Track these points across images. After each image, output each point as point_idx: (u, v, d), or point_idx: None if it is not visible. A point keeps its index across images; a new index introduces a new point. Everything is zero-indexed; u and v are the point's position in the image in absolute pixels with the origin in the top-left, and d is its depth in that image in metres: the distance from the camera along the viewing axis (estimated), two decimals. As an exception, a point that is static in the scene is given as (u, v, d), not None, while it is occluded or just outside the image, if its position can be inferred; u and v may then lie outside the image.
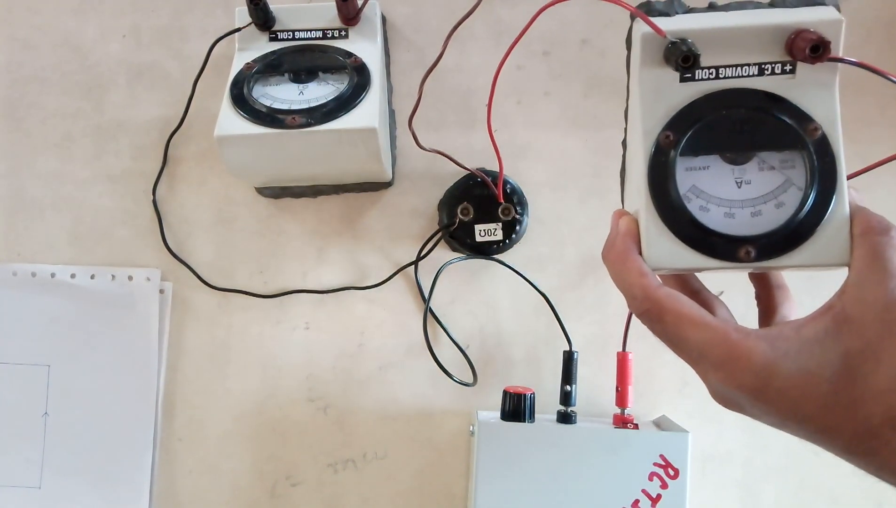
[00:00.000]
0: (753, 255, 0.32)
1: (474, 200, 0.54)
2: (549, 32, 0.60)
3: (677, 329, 0.31)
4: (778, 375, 0.29)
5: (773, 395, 0.29)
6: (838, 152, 0.33)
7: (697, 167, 0.34)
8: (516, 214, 0.54)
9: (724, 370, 0.30)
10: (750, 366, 0.29)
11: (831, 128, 0.33)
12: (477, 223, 0.54)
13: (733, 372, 0.30)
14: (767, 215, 0.33)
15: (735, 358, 0.29)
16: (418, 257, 0.56)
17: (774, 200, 0.33)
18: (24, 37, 0.62)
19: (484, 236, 0.54)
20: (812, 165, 0.33)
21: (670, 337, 0.32)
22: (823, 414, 0.28)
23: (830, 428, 0.29)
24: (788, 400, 0.29)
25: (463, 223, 0.54)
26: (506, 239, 0.54)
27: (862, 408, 0.28)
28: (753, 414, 0.31)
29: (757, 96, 0.33)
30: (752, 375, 0.29)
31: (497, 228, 0.54)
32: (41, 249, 0.60)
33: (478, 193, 0.54)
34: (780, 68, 0.34)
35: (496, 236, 0.54)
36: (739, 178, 0.34)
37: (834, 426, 0.29)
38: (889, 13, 0.60)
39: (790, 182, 0.33)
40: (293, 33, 0.56)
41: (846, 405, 0.28)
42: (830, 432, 0.29)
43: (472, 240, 0.54)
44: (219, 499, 0.58)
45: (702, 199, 0.33)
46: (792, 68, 0.34)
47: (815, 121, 0.33)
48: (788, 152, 0.33)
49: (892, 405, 0.27)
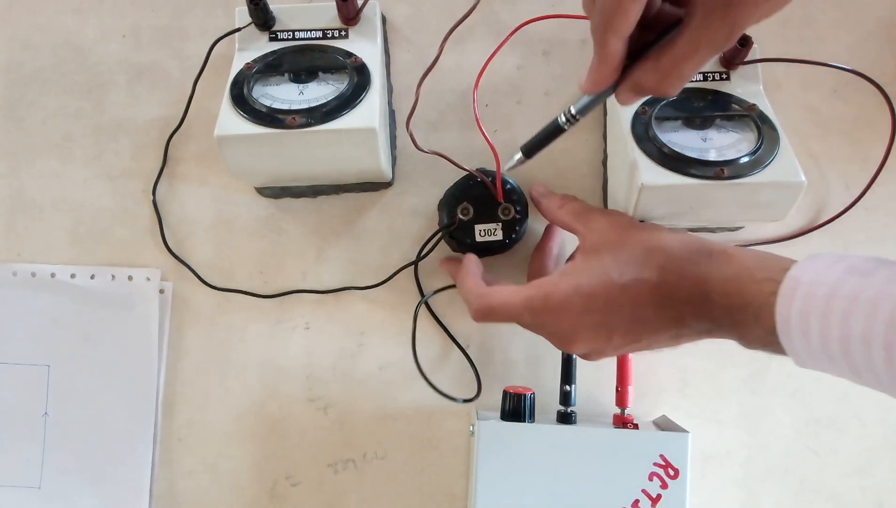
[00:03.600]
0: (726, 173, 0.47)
1: (474, 199, 0.54)
2: (549, 32, 0.60)
3: (502, 312, 0.44)
4: (572, 290, 0.41)
5: (580, 303, 0.41)
6: (774, 119, 0.51)
7: (669, 130, 0.51)
8: (516, 213, 0.53)
9: (549, 312, 0.42)
10: (559, 296, 0.42)
11: (763, 105, 0.52)
12: (477, 223, 0.54)
13: (554, 310, 0.42)
14: (728, 153, 0.49)
15: (547, 296, 0.42)
16: (418, 258, 0.57)
17: (735, 147, 0.50)
18: (24, 37, 0.62)
19: (484, 236, 0.53)
20: (758, 125, 0.51)
21: (503, 316, 0.45)
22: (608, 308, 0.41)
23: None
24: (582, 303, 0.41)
25: (463, 223, 0.54)
26: (506, 239, 0.53)
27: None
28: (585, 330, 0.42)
29: (706, 92, 0.53)
30: (565, 301, 0.41)
31: (497, 228, 0.54)
32: (41, 249, 0.60)
33: (477, 193, 0.54)
34: (717, 76, 0.55)
35: (496, 235, 0.53)
36: (703, 137, 0.51)
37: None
38: (888, 14, 0.61)
39: (742, 138, 0.50)
40: (293, 33, 0.56)
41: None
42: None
43: (473, 240, 0.54)
44: (219, 499, 0.58)
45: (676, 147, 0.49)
46: (727, 75, 0.55)
47: (751, 102, 0.52)
48: (738, 121, 0.52)
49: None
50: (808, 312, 0.32)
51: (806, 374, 0.56)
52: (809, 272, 0.33)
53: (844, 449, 0.57)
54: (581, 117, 0.43)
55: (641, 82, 0.38)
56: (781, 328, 0.33)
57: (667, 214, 0.50)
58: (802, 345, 0.33)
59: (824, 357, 0.33)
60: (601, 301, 0.40)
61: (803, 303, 0.33)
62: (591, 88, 0.40)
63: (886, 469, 0.56)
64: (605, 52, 0.37)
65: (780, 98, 0.57)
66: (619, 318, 0.40)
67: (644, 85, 0.38)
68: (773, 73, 0.59)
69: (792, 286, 0.33)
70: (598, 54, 0.37)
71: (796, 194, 0.48)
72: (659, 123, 0.51)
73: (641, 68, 0.38)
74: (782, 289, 0.34)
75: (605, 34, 0.36)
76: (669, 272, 0.39)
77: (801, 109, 0.59)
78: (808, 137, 0.59)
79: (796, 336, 0.33)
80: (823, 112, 0.60)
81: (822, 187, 0.58)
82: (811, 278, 0.33)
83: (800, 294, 0.33)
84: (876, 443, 0.57)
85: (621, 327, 0.40)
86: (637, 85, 0.38)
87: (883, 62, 0.59)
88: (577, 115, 0.42)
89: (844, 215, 0.57)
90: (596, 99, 0.41)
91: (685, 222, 0.54)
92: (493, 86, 0.60)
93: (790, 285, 0.33)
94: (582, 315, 0.41)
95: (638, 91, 0.39)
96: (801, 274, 0.34)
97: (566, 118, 0.43)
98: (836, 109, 0.59)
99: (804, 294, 0.33)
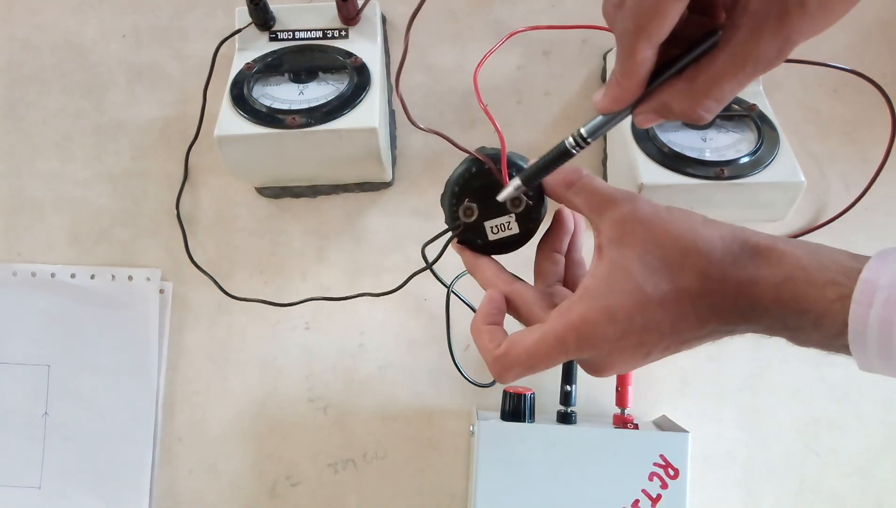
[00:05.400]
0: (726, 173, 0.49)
1: (478, 194, 0.44)
2: (549, 32, 0.60)
3: (533, 364, 0.36)
4: (605, 319, 0.35)
5: (617, 330, 0.35)
6: (774, 119, 0.53)
7: (669, 130, 0.52)
8: (528, 200, 0.44)
9: (585, 347, 0.35)
10: (592, 327, 0.35)
11: (763, 105, 0.53)
12: (486, 220, 0.45)
13: (591, 343, 0.35)
14: (728, 153, 0.50)
15: (580, 332, 0.35)
16: (432, 262, 0.49)
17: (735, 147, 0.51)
18: (24, 37, 0.62)
19: (497, 232, 0.45)
20: (758, 126, 0.52)
21: (537, 368, 0.37)
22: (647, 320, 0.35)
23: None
24: (621, 326, 0.35)
25: (469, 226, 0.45)
26: (523, 231, 0.45)
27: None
28: (628, 354, 0.36)
29: None
30: (599, 331, 0.35)
31: (511, 221, 0.45)
32: (41, 249, 0.60)
33: (480, 184, 0.44)
34: None
35: (511, 230, 0.45)
36: (703, 137, 0.51)
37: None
38: (888, 14, 0.61)
39: (742, 138, 0.52)
40: (293, 33, 0.56)
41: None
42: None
43: (485, 240, 0.45)
44: (219, 499, 0.58)
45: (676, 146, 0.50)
46: None
47: (751, 102, 0.53)
48: (738, 121, 0.53)
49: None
50: (891, 320, 0.29)
51: (806, 374, 0.56)
52: (886, 275, 0.29)
53: (844, 449, 0.57)
54: (592, 140, 0.39)
55: (670, 104, 0.33)
56: (855, 337, 0.30)
57: None
58: (879, 352, 0.29)
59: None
60: (638, 323, 0.35)
61: (885, 310, 0.29)
62: (610, 106, 0.35)
63: (886, 469, 0.56)
64: (633, 61, 0.32)
65: (780, 98, 0.57)
66: (659, 336, 0.35)
67: (673, 107, 0.33)
68: (773, 73, 0.58)
69: (868, 291, 0.29)
70: (622, 65, 0.33)
71: (796, 194, 0.48)
72: (659, 123, 0.51)
73: (671, 88, 0.33)
74: (857, 295, 0.30)
75: (637, 40, 0.31)
76: (711, 279, 0.34)
77: (801, 109, 0.59)
78: (808, 137, 0.59)
79: (873, 346, 0.29)
80: (823, 112, 0.60)
81: (822, 187, 0.58)
82: (889, 281, 0.29)
83: (879, 300, 0.29)
84: (876, 443, 0.57)
85: (661, 344, 0.36)
86: (664, 107, 0.34)
87: (883, 62, 0.59)
88: (588, 137, 0.38)
89: (844, 215, 0.57)
90: (611, 120, 0.37)
91: None
92: (493, 86, 0.60)
93: (866, 290, 0.29)
94: (619, 341, 0.36)
95: (663, 113, 0.34)
96: (875, 277, 0.30)
97: (575, 141, 0.39)
98: (836, 109, 0.59)
99: (884, 300, 0.29)
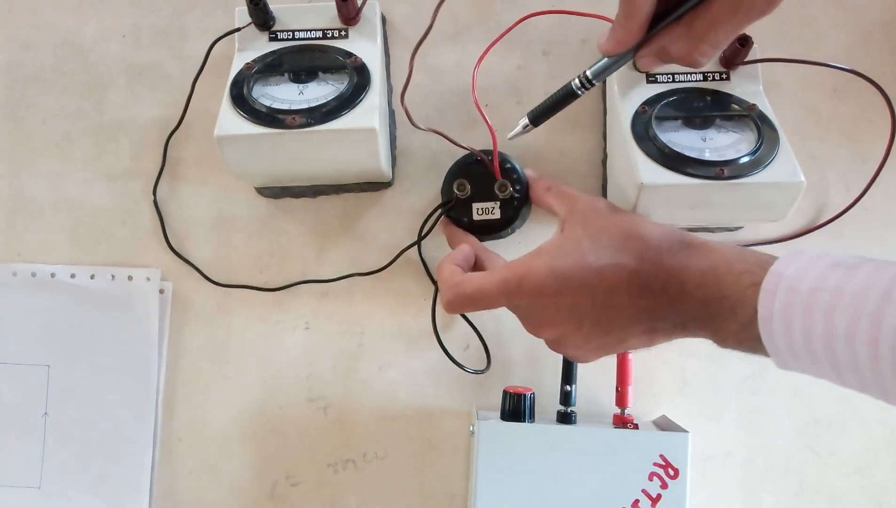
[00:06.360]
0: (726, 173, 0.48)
1: (472, 177, 0.53)
2: (549, 32, 0.60)
3: (479, 299, 0.42)
4: (547, 270, 0.40)
5: (555, 285, 0.39)
6: (773, 119, 0.51)
7: (669, 130, 0.50)
8: (514, 192, 0.52)
9: (525, 294, 0.40)
10: (534, 277, 0.40)
11: (763, 105, 0.52)
12: (474, 201, 0.53)
13: (530, 290, 0.40)
14: (728, 153, 0.49)
15: (522, 279, 0.40)
16: (420, 237, 0.56)
17: (735, 147, 0.50)
18: (24, 37, 0.62)
19: (482, 214, 0.52)
20: (758, 126, 0.51)
21: (482, 303, 0.43)
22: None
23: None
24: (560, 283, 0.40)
25: (460, 201, 0.53)
26: (504, 218, 0.52)
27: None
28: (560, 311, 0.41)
29: (706, 92, 0.53)
30: (538, 281, 0.40)
31: (495, 206, 0.52)
32: (41, 249, 0.60)
33: (476, 170, 0.53)
34: (717, 76, 0.54)
35: (494, 214, 0.52)
36: (703, 137, 0.51)
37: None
38: (888, 14, 0.61)
39: (742, 138, 0.50)
40: (293, 33, 0.56)
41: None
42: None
43: (470, 218, 0.53)
44: (219, 499, 0.58)
45: (676, 147, 0.49)
46: (727, 75, 0.54)
47: (751, 102, 0.52)
48: (738, 121, 0.51)
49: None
50: (791, 306, 0.31)
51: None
52: (792, 267, 0.32)
53: (844, 449, 0.57)
54: (597, 82, 0.41)
55: (669, 48, 0.36)
56: (763, 324, 0.32)
57: (666, 214, 0.50)
58: (784, 342, 0.32)
59: (806, 356, 0.32)
60: (575, 283, 0.39)
61: (786, 297, 0.32)
62: (613, 48, 0.38)
63: (886, 469, 0.56)
64: (633, 5, 0.35)
65: (780, 98, 0.57)
66: (592, 303, 0.39)
67: (671, 52, 0.36)
68: (773, 73, 0.58)
69: (775, 280, 0.32)
70: (624, 8, 0.36)
71: (796, 194, 0.48)
72: (659, 123, 0.51)
73: (671, 33, 0.36)
74: (765, 283, 0.33)
75: None
76: (646, 261, 0.38)
77: (801, 109, 0.59)
78: (808, 137, 0.59)
79: (778, 332, 0.32)
80: (823, 112, 0.60)
81: (822, 187, 0.58)
82: (794, 272, 0.32)
83: (783, 288, 0.32)
84: (876, 443, 0.57)
85: (593, 313, 0.39)
86: (663, 51, 0.36)
87: (883, 62, 0.59)
88: (592, 79, 0.41)
89: (844, 215, 0.57)
90: (615, 62, 0.39)
91: (685, 221, 0.54)
92: (493, 86, 0.60)
93: (773, 279, 0.33)
94: (555, 297, 0.40)
95: (663, 57, 0.37)
96: (783, 268, 0.33)
97: (581, 82, 0.41)
98: (836, 109, 0.59)
99: (787, 288, 0.32)
